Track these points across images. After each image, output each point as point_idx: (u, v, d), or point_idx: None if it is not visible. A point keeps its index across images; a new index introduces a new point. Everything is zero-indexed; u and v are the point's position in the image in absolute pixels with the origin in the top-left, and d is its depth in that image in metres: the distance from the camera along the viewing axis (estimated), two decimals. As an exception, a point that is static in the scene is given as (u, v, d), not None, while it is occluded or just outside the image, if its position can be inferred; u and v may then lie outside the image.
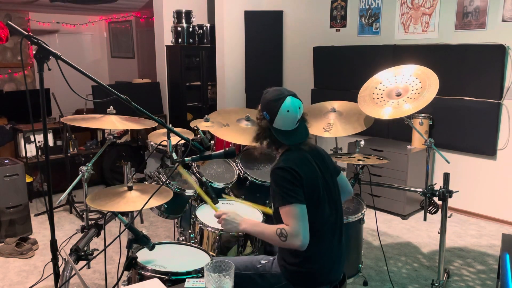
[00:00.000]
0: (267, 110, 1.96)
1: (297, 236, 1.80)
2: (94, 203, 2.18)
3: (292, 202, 1.82)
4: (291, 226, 1.82)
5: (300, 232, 1.80)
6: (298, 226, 1.80)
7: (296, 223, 1.81)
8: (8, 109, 5.59)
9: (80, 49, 8.85)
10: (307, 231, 1.82)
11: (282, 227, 1.83)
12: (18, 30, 1.72)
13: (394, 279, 3.19)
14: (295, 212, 1.81)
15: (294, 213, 1.81)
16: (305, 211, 1.83)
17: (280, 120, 1.93)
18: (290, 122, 1.94)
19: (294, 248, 1.84)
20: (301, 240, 1.80)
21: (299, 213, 1.82)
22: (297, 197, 1.82)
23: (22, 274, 3.35)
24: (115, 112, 2.54)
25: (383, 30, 4.98)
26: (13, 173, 3.94)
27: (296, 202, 1.82)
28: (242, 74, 5.55)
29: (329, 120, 3.09)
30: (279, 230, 1.83)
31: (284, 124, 1.94)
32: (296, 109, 1.93)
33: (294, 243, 1.81)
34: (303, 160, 1.93)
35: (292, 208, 1.82)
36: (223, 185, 2.80)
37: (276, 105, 1.92)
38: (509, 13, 4.06)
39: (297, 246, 1.82)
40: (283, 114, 1.91)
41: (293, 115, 1.92)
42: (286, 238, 1.82)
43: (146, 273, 1.88)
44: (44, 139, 1.79)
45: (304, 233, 1.80)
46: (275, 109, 1.92)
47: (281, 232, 1.83)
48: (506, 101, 4.16)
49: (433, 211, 3.02)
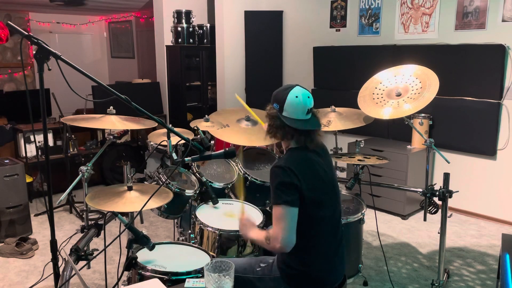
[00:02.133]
0: (276, 100, 1.94)
1: (275, 238, 1.79)
2: (93, 201, 2.18)
3: (280, 203, 1.80)
4: (273, 228, 1.82)
5: (279, 234, 1.78)
6: (278, 228, 1.79)
7: (278, 225, 1.80)
8: (8, 109, 5.58)
9: (80, 49, 8.84)
10: (290, 233, 1.79)
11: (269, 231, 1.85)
12: (18, 30, 1.72)
13: (394, 279, 3.19)
14: (280, 213, 1.80)
15: (279, 214, 1.80)
16: (292, 213, 1.80)
17: (289, 106, 1.89)
18: (299, 109, 1.90)
19: (277, 251, 1.84)
20: (280, 241, 1.78)
21: (284, 215, 1.79)
22: (287, 198, 1.80)
23: (22, 274, 3.35)
24: (115, 112, 2.54)
25: (383, 30, 4.99)
26: (13, 173, 3.94)
27: (284, 204, 1.80)
28: (242, 74, 5.55)
29: (329, 118, 3.10)
30: (267, 233, 1.86)
31: (294, 111, 1.90)
32: (305, 97, 1.90)
33: (274, 245, 1.81)
34: (305, 160, 1.91)
35: (279, 209, 1.81)
36: (223, 185, 2.80)
37: (285, 93, 1.91)
38: (509, 13, 4.06)
39: (278, 249, 1.81)
40: (292, 99, 1.88)
41: (302, 101, 1.89)
42: (269, 241, 1.83)
43: (146, 273, 1.88)
44: (44, 139, 1.79)
45: (284, 235, 1.78)
46: (284, 96, 1.90)
47: (266, 236, 1.85)
48: (506, 101, 4.16)
49: (433, 211, 3.02)
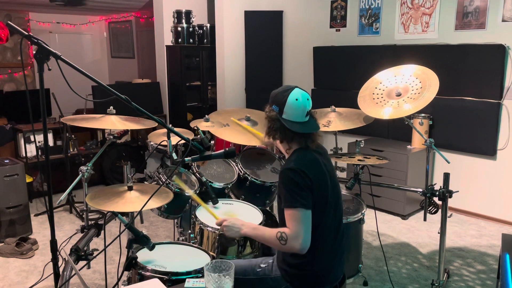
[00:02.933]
0: (276, 102, 1.94)
1: (296, 240, 1.80)
2: (93, 201, 2.18)
3: (297, 206, 1.81)
4: (292, 229, 1.81)
5: (301, 235, 1.79)
6: (299, 229, 1.80)
7: (297, 226, 1.80)
8: (8, 109, 5.57)
9: (80, 49, 8.84)
10: (308, 235, 1.81)
11: (283, 231, 1.83)
12: (18, 30, 1.72)
13: (394, 279, 3.19)
14: (298, 216, 1.81)
15: (297, 217, 1.81)
16: (309, 216, 1.82)
17: (289, 109, 1.89)
18: (299, 112, 1.90)
19: (294, 251, 1.84)
20: (301, 243, 1.79)
21: (302, 217, 1.81)
22: (303, 201, 1.81)
23: (22, 274, 3.35)
24: (115, 112, 2.54)
25: (383, 30, 4.98)
26: (13, 173, 3.94)
27: (300, 207, 1.81)
28: (242, 74, 5.55)
29: (329, 118, 3.10)
30: (279, 233, 1.83)
31: (293, 114, 1.90)
32: (304, 99, 1.91)
33: (294, 246, 1.81)
34: (313, 161, 1.91)
35: (296, 212, 1.81)
36: (223, 185, 2.80)
37: (285, 95, 1.90)
38: (509, 13, 4.06)
39: (296, 250, 1.81)
40: (291, 102, 1.89)
41: (301, 104, 1.89)
42: (286, 242, 1.81)
43: (146, 273, 1.88)
44: (44, 139, 1.79)
45: (305, 237, 1.80)
46: (284, 99, 1.90)
47: (281, 236, 1.83)
48: (506, 101, 4.16)
49: (433, 211, 3.02)
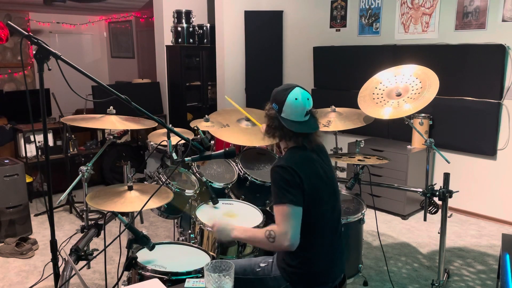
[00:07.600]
0: (276, 100, 1.93)
1: (285, 236, 1.78)
2: (93, 201, 2.18)
3: (285, 202, 1.80)
4: (280, 225, 1.80)
5: (289, 231, 1.77)
6: (287, 226, 1.78)
7: (286, 222, 1.79)
8: (8, 109, 5.58)
9: (80, 49, 8.84)
10: (296, 231, 1.79)
11: (271, 229, 1.82)
12: (18, 30, 1.72)
13: (394, 279, 3.19)
14: (287, 212, 1.79)
15: (286, 213, 1.79)
16: (298, 212, 1.81)
17: (288, 108, 1.89)
18: (298, 111, 1.90)
19: (283, 249, 1.82)
20: (289, 239, 1.77)
21: (291, 213, 1.79)
22: (291, 197, 1.80)
23: (22, 274, 3.35)
24: (115, 112, 2.54)
25: (383, 30, 4.98)
26: (13, 173, 3.94)
27: (289, 203, 1.79)
28: (242, 74, 5.55)
29: (329, 118, 3.10)
30: (268, 232, 1.82)
31: (293, 113, 1.90)
32: (304, 99, 1.90)
33: (282, 243, 1.79)
34: (306, 160, 1.90)
35: (285, 208, 1.80)
36: (223, 185, 2.80)
37: (285, 94, 1.90)
38: (509, 13, 4.06)
39: (285, 247, 1.79)
40: (291, 101, 1.88)
41: (301, 103, 1.89)
42: (274, 239, 1.80)
43: (146, 273, 1.88)
44: (44, 139, 1.79)
45: (293, 233, 1.78)
46: (283, 97, 1.90)
47: (269, 234, 1.81)
48: (506, 101, 4.16)
49: (433, 211, 3.02)
